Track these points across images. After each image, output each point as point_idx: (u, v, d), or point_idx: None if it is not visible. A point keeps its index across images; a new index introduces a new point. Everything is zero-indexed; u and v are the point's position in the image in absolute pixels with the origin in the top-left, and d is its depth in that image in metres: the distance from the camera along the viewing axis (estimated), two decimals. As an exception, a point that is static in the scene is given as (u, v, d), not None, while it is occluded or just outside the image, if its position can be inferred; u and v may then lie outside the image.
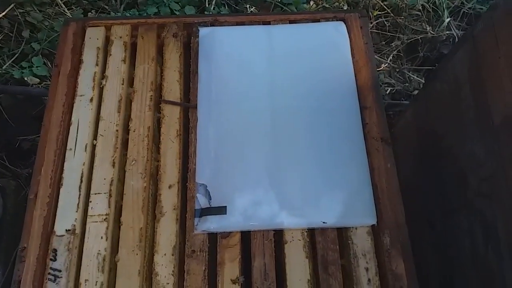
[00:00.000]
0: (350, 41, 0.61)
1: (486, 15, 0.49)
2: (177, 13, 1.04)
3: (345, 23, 0.62)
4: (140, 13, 1.04)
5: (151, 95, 0.57)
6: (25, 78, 0.93)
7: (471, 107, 0.53)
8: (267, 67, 0.58)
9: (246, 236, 0.49)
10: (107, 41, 0.62)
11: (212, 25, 0.62)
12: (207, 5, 1.07)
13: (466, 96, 0.55)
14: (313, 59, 0.59)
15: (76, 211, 0.49)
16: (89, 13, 1.04)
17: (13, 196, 0.86)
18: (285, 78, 0.57)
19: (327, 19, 0.63)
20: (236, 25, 0.63)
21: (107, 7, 1.03)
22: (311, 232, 0.49)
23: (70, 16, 1.01)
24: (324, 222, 0.48)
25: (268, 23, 0.63)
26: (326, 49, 0.60)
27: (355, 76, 0.59)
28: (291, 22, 0.63)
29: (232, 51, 0.59)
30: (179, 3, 1.06)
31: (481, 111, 0.51)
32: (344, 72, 0.59)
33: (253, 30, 0.61)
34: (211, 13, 1.06)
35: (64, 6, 1.00)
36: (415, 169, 0.73)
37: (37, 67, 0.95)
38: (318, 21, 0.63)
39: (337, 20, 0.63)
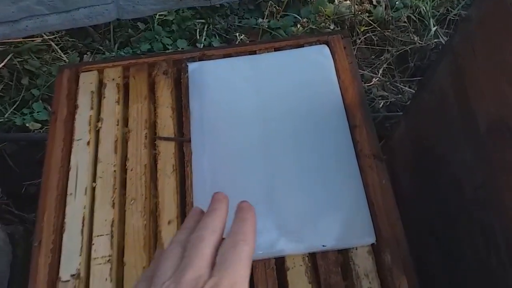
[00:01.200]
0: (335, 62, 0.63)
1: (462, 27, 0.50)
2: (170, 47, 1.08)
3: (328, 46, 0.64)
4: (134, 50, 1.08)
5: (146, 133, 0.58)
6: (27, 124, 0.96)
7: (457, 116, 0.54)
8: (255, 95, 0.60)
9: (248, 265, 0.49)
10: (101, 84, 0.64)
11: (200, 59, 0.64)
12: (198, 37, 1.10)
13: (451, 106, 0.56)
14: (299, 83, 0.60)
15: (80, 255, 0.50)
16: (85, 55, 1.08)
17: (22, 241, 0.87)
18: (274, 104, 0.59)
19: (310, 43, 0.65)
20: (224, 57, 0.65)
21: (101, 47, 1.07)
22: (313, 256, 0.49)
23: (66, 60, 1.05)
24: (323, 246, 0.48)
25: (254, 52, 0.65)
26: (311, 72, 0.61)
27: (342, 96, 0.60)
28: (276, 49, 0.65)
29: (221, 82, 0.61)
30: (171, 37, 1.09)
31: (467, 120, 0.51)
32: (331, 93, 0.60)
33: (239, 61, 0.63)
34: (202, 44, 1.09)
35: (60, 51, 1.04)
36: (413, 180, 0.73)
37: (37, 112, 0.98)
38: (302, 46, 0.65)
39: (320, 43, 0.64)
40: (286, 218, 0.50)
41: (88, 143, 0.58)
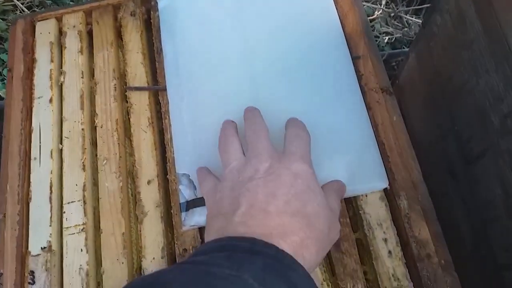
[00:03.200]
0: (330, -15, 0.53)
1: None
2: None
3: (321, -34, 0.54)
4: None
5: (115, 84, 0.50)
6: (-1, 93, 0.88)
7: (480, 34, 0.45)
8: (239, 29, 0.51)
9: (242, 224, 0.42)
10: (60, 34, 0.55)
11: (172, -6, 0.55)
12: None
13: (472, 24, 0.47)
14: (289, 11, 0.51)
15: (50, 226, 0.44)
16: (56, 14, 0.97)
17: None
18: (261, 39, 0.50)
19: (300, -35, 0.55)
20: (199, -10, 0.55)
21: (73, 2, 0.97)
22: (316, 208, 0.42)
23: (35, 20, 0.94)
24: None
25: (235, -19, 0.55)
26: (303, -2, 0.52)
27: (342, 24, 0.51)
28: (260, -25, 0.55)
29: (198, 19, 0.52)
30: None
31: (494, 37, 0.43)
32: (327, 21, 0.51)
33: (218, -9, 0.53)
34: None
35: (26, 10, 0.93)
36: (428, 120, 0.65)
37: (9, 79, 0.89)
38: (291, -31, 0.55)
39: (311, -36, 0.54)
40: (282, 167, 0.43)
41: (51, 100, 0.50)
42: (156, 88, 0.49)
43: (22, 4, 0.93)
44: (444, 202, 0.57)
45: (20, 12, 0.93)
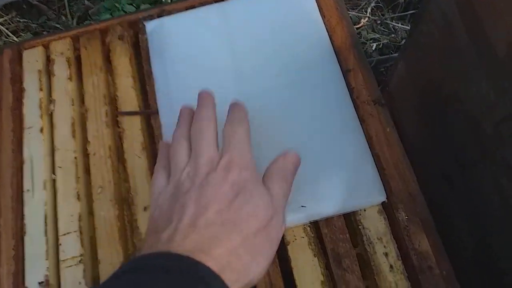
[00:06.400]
0: (317, 0, 0.53)
1: None
2: (134, 15, 0.97)
3: (307, -19, 0.54)
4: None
5: (106, 110, 0.50)
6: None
7: (467, 43, 0.46)
8: (228, 49, 0.51)
9: (242, 246, 0.42)
10: (48, 61, 0.55)
11: (159, 16, 0.55)
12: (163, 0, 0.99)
13: (459, 34, 0.47)
14: (278, 28, 0.51)
15: (46, 259, 0.43)
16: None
17: None
18: (250, 58, 0.50)
19: (285, -19, 0.55)
20: (186, 10, 0.55)
21: (58, 25, 0.96)
22: (315, 225, 0.42)
23: (22, 44, 0.94)
24: (326, 212, 0.41)
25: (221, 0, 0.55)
26: (290, 14, 0.52)
27: (330, 38, 0.51)
28: (246, -7, 0.55)
29: (185, 39, 0.52)
30: (133, 4, 0.98)
31: (481, 45, 0.43)
32: (316, 35, 0.51)
33: (205, 11, 0.54)
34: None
35: (12, 35, 0.93)
36: (420, 127, 0.65)
37: (-2, 106, 0.88)
38: (276, -14, 0.55)
39: (297, -20, 0.55)
40: (279, 186, 0.42)
41: (41, 130, 0.50)
42: (148, 112, 0.49)
43: (7, 29, 0.93)
44: (442, 210, 0.57)
45: (6, 37, 0.92)
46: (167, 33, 0.52)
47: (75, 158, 0.48)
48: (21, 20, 0.94)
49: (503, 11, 0.39)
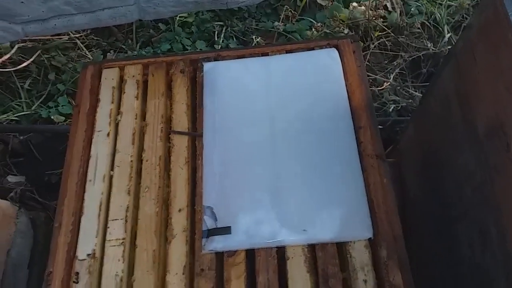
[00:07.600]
0: (343, 65, 0.65)
1: (464, 35, 0.52)
2: (189, 48, 1.12)
3: (338, 49, 0.66)
4: (155, 50, 1.13)
5: (162, 127, 0.62)
6: (52, 117, 1.02)
7: (459, 120, 0.56)
8: (265, 95, 0.63)
9: (251, 254, 0.52)
10: (121, 81, 0.68)
11: (215, 59, 0.68)
12: (216, 39, 1.14)
13: (455, 111, 0.57)
14: (308, 84, 0.63)
15: (96, 237, 0.54)
16: (108, 53, 1.13)
17: (43, 227, 0.92)
18: (283, 105, 0.62)
19: (320, 47, 0.68)
20: (237, 58, 0.68)
21: (124, 46, 1.12)
22: (312, 248, 0.52)
23: (91, 57, 1.10)
24: (323, 238, 0.51)
25: (267, 54, 0.68)
26: (320, 74, 0.64)
27: (349, 98, 0.63)
28: (287, 52, 0.68)
29: (234, 82, 0.64)
30: (190, 39, 1.14)
31: (468, 124, 0.53)
32: (338, 95, 0.63)
33: (252, 62, 0.66)
34: (220, 45, 1.13)
35: (85, 49, 1.09)
36: (420, 183, 0.74)
37: (62, 106, 1.03)
38: (313, 49, 0.68)
39: (330, 47, 0.67)
40: (288, 211, 0.53)
41: (108, 134, 0.62)
42: (195, 134, 0.61)
43: (82, 43, 1.09)
44: (428, 253, 0.65)
45: (80, 50, 1.09)
46: (219, 74, 0.65)
47: (131, 161, 0.60)
48: (94, 38, 1.11)
49: (485, 100, 0.49)
